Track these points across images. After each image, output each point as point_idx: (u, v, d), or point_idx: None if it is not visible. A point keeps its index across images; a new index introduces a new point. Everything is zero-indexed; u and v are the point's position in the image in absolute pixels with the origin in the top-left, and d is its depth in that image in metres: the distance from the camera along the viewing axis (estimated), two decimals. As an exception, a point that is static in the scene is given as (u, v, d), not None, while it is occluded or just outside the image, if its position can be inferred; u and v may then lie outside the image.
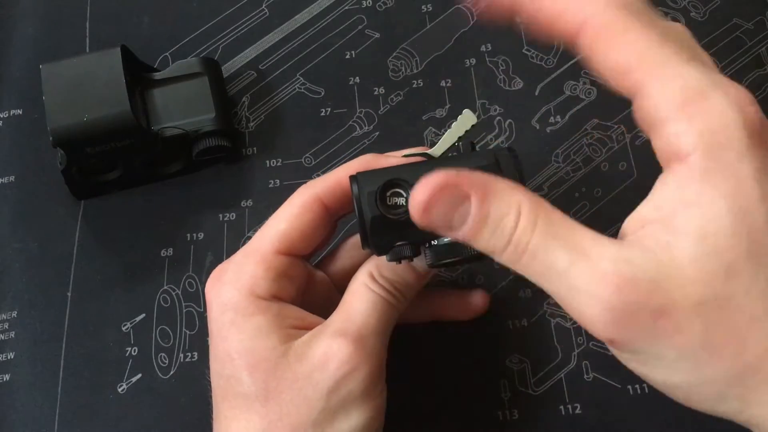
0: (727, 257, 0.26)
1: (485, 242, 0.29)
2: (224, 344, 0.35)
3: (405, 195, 0.33)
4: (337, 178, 0.37)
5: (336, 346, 0.34)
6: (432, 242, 0.34)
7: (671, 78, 0.27)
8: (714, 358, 0.27)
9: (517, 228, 0.28)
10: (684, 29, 0.31)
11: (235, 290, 0.35)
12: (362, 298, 0.36)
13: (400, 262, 0.35)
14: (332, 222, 0.38)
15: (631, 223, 0.28)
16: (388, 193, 0.33)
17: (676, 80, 0.27)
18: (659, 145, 0.27)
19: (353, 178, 0.34)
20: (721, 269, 0.26)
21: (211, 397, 0.36)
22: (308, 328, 0.36)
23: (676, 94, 0.27)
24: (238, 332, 0.35)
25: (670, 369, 0.28)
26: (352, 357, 0.34)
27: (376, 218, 0.33)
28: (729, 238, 0.26)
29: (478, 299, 0.43)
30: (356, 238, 0.40)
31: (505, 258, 0.28)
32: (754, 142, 0.26)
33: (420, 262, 0.37)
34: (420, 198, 0.28)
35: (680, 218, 0.26)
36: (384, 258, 0.36)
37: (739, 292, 0.26)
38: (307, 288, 0.38)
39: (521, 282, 0.45)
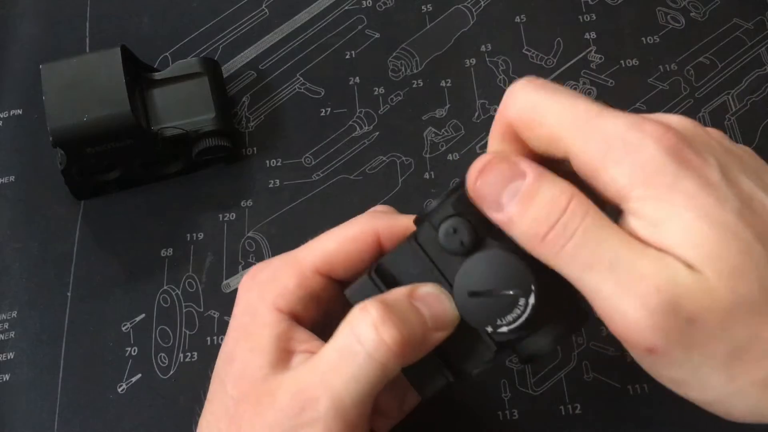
0: (727, 256, 0.26)
1: (528, 222, 0.28)
2: (233, 346, 0.34)
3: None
4: (405, 223, 0.35)
5: (301, 402, 0.31)
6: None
7: (591, 134, 0.28)
8: (743, 366, 0.27)
9: (567, 211, 0.28)
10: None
11: (260, 295, 0.35)
12: (348, 358, 0.31)
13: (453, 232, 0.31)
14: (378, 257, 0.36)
15: None
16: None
17: (597, 134, 0.28)
18: (600, 191, 0.28)
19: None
20: (732, 270, 0.26)
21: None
22: (310, 351, 0.33)
23: (599, 146, 0.28)
24: (246, 340, 0.34)
25: (707, 382, 0.27)
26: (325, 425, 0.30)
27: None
28: (718, 239, 0.26)
29: None
30: None
31: (545, 245, 0.28)
32: (682, 163, 0.27)
33: (442, 306, 0.32)
34: (478, 162, 0.30)
35: (662, 234, 0.27)
36: (397, 296, 0.32)
37: (754, 290, 0.26)
38: (337, 311, 0.36)
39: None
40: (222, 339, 0.45)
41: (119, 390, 0.44)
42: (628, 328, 0.27)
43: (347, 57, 0.53)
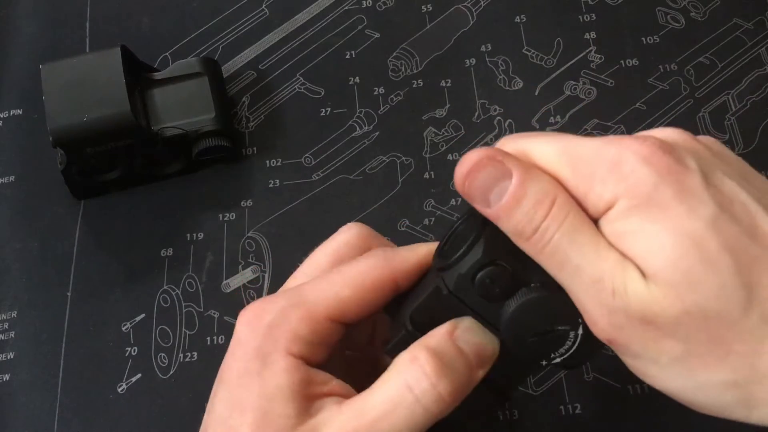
0: (681, 266, 0.27)
1: (514, 223, 0.29)
2: (242, 392, 0.32)
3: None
4: (419, 257, 0.34)
5: None
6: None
7: (575, 160, 0.30)
8: (703, 365, 0.28)
9: (547, 217, 0.29)
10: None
11: (271, 340, 0.33)
12: (400, 408, 0.31)
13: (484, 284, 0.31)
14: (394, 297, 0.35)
15: None
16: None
17: (580, 159, 0.30)
18: (592, 213, 0.29)
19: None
20: (683, 280, 0.27)
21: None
22: (332, 394, 0.33)
23: (584, 170, 0.29)
24: (260, 386, 0.32)
25: (667, 374, 0.29)
26: None
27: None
28: (675, 251, 0.27)
29: None
30: None
31: (529, 244, 0.29)
32: (661, 171, 0.28)
33: (484, 339, 0.32)
34: (466, 163, 0.30)
35: (625, 245, 0.28)
36: (440, 341, 0.32)
37: (710, 299, 0.27)
38: (339, 350, 0.35)
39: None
40: (222, 339, 0.45)
41: (119, 390, 0.44)
42: (591, 323, 0.29)
43: (347, 57, 0.53)
